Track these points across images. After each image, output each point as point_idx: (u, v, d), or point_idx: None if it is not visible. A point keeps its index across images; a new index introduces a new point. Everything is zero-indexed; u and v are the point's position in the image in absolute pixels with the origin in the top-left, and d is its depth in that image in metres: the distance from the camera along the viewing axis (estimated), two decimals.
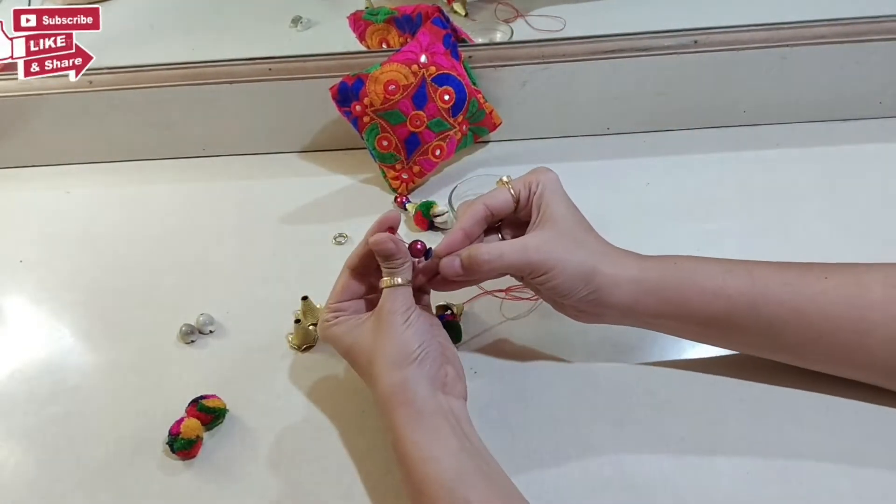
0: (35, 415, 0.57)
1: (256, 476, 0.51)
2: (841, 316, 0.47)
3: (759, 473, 0.48)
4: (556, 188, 0.51)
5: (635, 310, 0.50)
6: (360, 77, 0.70)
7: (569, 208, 0.51)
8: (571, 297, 0.50)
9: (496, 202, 0.51)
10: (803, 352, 0.50)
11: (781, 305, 0.48)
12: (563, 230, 0.49)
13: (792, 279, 0.49)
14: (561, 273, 0.48)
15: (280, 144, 0.82)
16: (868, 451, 0.48)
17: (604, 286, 0.49)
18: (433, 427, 0.45)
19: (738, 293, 0.48)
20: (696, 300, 0.49)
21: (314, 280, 0.65)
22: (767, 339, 0.50)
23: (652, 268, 0.50)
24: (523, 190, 0.51)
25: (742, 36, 0.73)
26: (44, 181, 0.82)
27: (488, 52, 0.75)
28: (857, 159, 0.73)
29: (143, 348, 0.61)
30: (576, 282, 0.49)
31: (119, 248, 0.72)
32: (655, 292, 0.49)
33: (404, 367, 0.46)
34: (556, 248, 0.48)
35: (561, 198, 0.51)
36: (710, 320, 0.50)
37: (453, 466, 0.43)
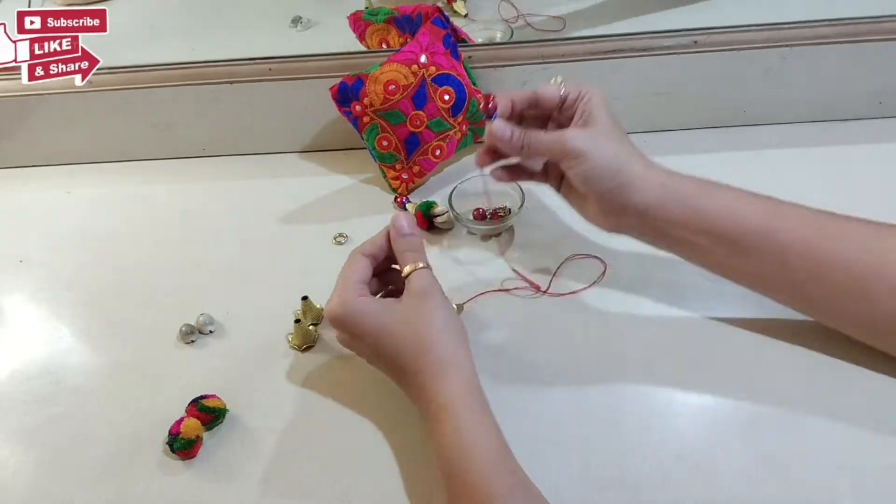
0: (35, 415, 0.57)
1: (256, 476, 0.51)
2: (853, 257, 0.48)
3: (760, 473, 0.48)
4: (602, 99, 0.54)
5: (655, 213, 0.52)
6: (360, 77, 0.70)
7: (610, 117, 0.53)
8: (598, 187, 0.52)
9: (545, 91, 0.55)
10: (808, 290, 0.50)
11: (795, 232, 0.49)
12: (601, 130, 0.52)
13: (811, 215, 0.50)
14: (592, 159, 0.51)
15: (280, 144, 0.82)
16: (867, 452, 0.48)
17: (630, 180, 0.51)
18: (482, 399, 0.48)
19: (756, 214, 0.50)
20: (714, 213, 0.51)
21: (314, 280, 0.65)
22: (774, 270, 0.50)
23: (679, 176, 0.53)
24: (572, 91, 0.54)
25: (742, 36, 0.73)
26: (44, 181, 0.82)
27: (488, 52, 0.75)
28: (857, 159, 0.73)
29: (143, 348, 0.61)
30: (605, 171, 0.51)
31: (119, 248, 0.72)
32: (677, 198, 0.52)
33: (460, 338, 0.50)
34: (591, 141, 0.52)
35: (605, 107, 0.54)
36: (722, 236, 0.51)
37: (500, 437, 0.47)
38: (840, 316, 0.51)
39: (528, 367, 0.56)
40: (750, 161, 0.74)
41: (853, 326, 0.51)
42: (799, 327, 0.56)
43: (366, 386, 0.56)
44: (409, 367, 0.49)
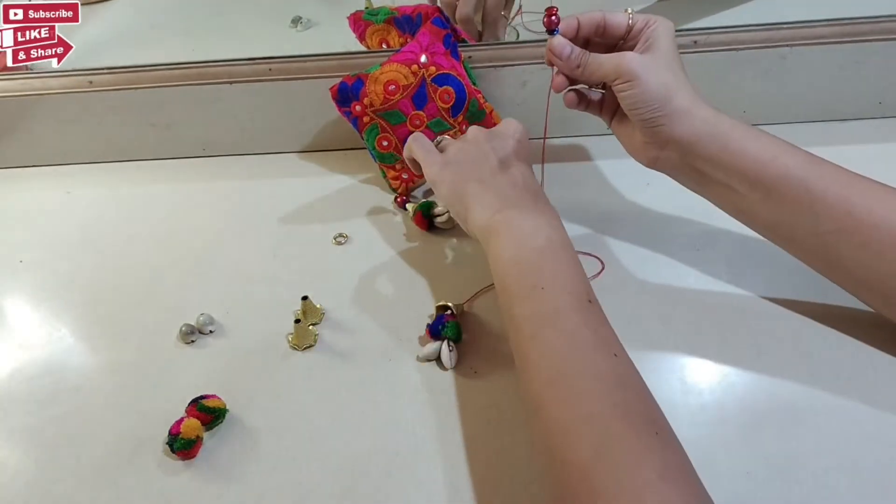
0: (35, 415, 0.57)
1: (256, 476, 0.51)
2: (885, 215, 0.48)
3: (759, 473, 0.48)
4: (668, 30, 0.54)
5: (695, 149, 0.53)
6: (360, 77, 0.70)
7: (672, 47, 0.54)
8: (644, 113, 0.53)
9: (613, 17, 0.56)
10: (835, 245, 0.50)
11: (831, 185, 0.50)
12: (659, 58, 0.53)
13: (847, 173, 0.51)
14: (643, 84, 0.52)
15: (280, 144, 0.82)
16: (868, 452, 0.48)
17: (676, 111, 0.52)
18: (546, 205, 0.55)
19: (795, 162, 0.51)
20: (753, 157, 0.52)
21: (314, 280, 0.65)
22: (805, 220, 0.51)
23: (724, 117, 0.53)
24: (640, 21, 0.55)
25: (742, 36, 0.73)
26: (44, 181, 0.82)
27: (488, 52, 0.75)
28: (857, 159, 0.72)
29: (143, 348, 0.61)
30: (653, 97, 0.52)
31: (119, 248, 0.72)
32: (719, 138, 0.52)
33: None
34: (646, 65, 0.52)
35: (669, 37, 0.54)
36: (758, 181, 0.52)
37: None
38: (862, 278, 0.51)
39: None
40: None
41: (873, 291, 0.51)
42: (800, 326, 0.57)
43: (366, 386, 0.56)
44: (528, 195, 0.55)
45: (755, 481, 0.48)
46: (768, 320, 0.58)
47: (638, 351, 0.56)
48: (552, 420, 0.42)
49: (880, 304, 0.52)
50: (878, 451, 0.48)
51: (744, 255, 0.63)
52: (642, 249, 0.65)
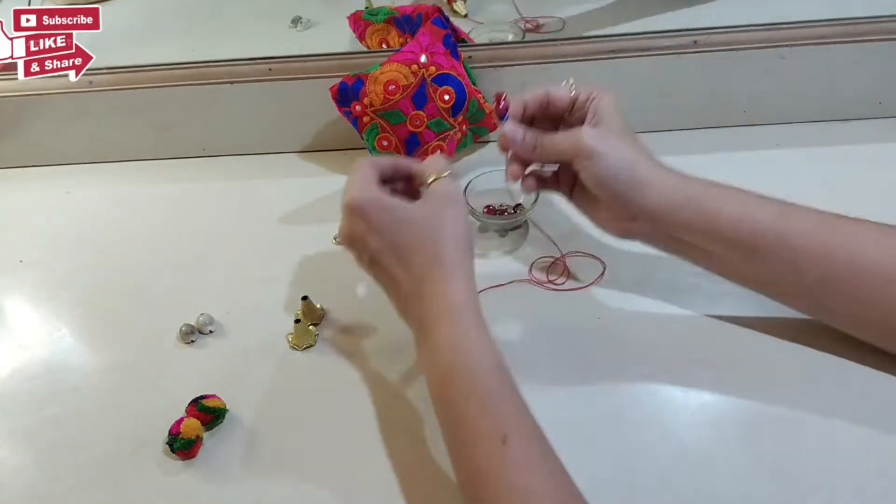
0: (35, 415, 0.57)
1: (256, 476, 0.51)
2: (867, 261, 0.47)
3: (759, 473, 0.48)
4: (613, 101, 0.54)
5: (667, 217, 0.51)
6: (360, 77, 0.70)
7: (621, 118, 0.53)
8: (611, 188, 0.51)
9: (557, 91, 0.55)
10: (821, 295, 0.50)
11: (808, 236, 0.49)
12: (613, 129, 0.52)
13: (823, 218, 0.50)
14: (605, 158, 0.51)
15: (280, 144, 0.82)
16: (868, 451, 0.48)
17: (642, 182, 0.51)
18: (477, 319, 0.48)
19: (769, 218, 0.50)
20: (726, 218, 0.50)
21: (314, 280, 0.65)
22: (788, 275, 0.50)
23: (691, 180, 0.52)
24: (583, 94, 0.54)
25: (742, 36, 0.73)
26: (44, 181, 0.82)
27: (488, 52, 0.75)
28: (857, 159, 0.73)
29: (143, 348, 0.61)
30: (618, 170, 0.51)
31: (119, 248, 0.72)
32: (690, 202, 0.51)
33: (470, 253, 0.49)
34: (604, 140, 0.51)
35: (616, 108, 0.54)
36: (735, 242, 0.50)
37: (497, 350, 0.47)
38: (854, 321, 0.51)
39: (529, 367, 0.56)
40: (750, 161, 0.74)
41: (867, 331, 0.51)
42: (799, 327, 0.56)
43: (366, 386, 0.56)
44: (416, 269, 0.48)
45: (755, 481, 0.48)
46: (769, 316, 0.57)
47: (638, 351, 0.57)
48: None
49: (878, 342, 0.51)
50: (879, 452, 0.48)
51: None
52: (642, 249, 0.65)
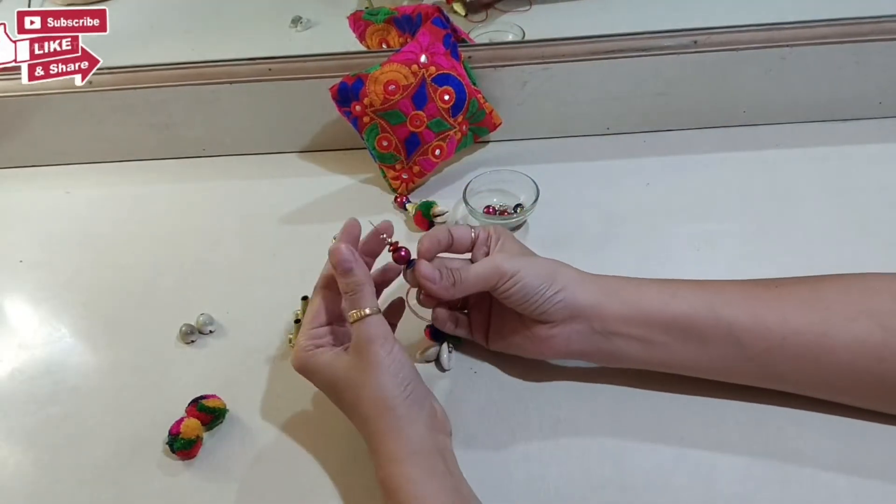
0: (35, 415, 0.57)
1: (256, 476, 0.51)
2: (804, 322, 0.47)
3: (758, 474, 0.48)
4: (510, 235, 0.54)
5: (600, 310, 0.50)
6: (360, 77, 0.70)
7: (522, 245, 0.55)
8: (540, 296, 0.50)
9: (458, 231, 0.53)
10: (771, 364, 0.48)
11: (738, 307, 0.48)
12: (521, 252, 0.53)
13: (744, 287, 0.50)
14: (527, 274, 0.49)
15: (280, 144, 0.82)
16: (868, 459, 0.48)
17: (569, 284, 0.50)
18: (428, 466, 0.45)
19: (695, 296, 0.50)
20: (656, 300, 0.50)
21: (314, 280, 0.65)
22: (730, 349, 0.49)
23: (607, 277, 0.52)
24: (482, 233, 0.54)
25: (742, 36, 0.73)
26: (44, 181, 0.82)
27: (488, 52, 0.75)
28: (857, 159, 0.73)
29: (143, 348, 0.61)
30: (542, 279, 0.50)
31: (119, 248, 0.72)
32: (616, 293, 0.50)
33: (395, 403, 0.46)
34: (518, 260, 0.51)
35: (514, 239, 0.54)
36: (671, 324, 0.49)
37: (455, 495, 0.44)
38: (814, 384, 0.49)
39: (528, 368, 0.56)
40: (750, 161, 0.74)
41: (831, 391, 0.49)
42: None
43: None
44: (360, 420, 0.47)
45: (755, 481, 0.48)
46: None
47: None
48: None
49: (848, 400, 0.50)
50: (879, 452, 0.48)
51: (743, 255, 0.63)
52: (642, 249, 0.65)
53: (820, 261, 0.62)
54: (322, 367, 0.49)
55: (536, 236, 0.68)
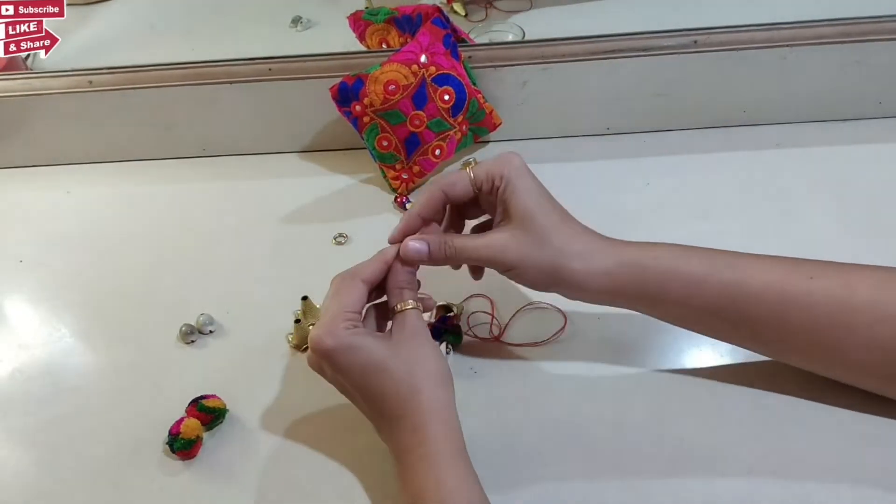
0: (35, 415, 0.57)
1: (256, 476, 0.51)
2: (824, 316, 0.46)
3: (759, 475, 0.48)
4: (521, 180, 0.49)
5: (612, 298, 0.50)
6: (360, 77, 0.70)
7: (536, 201, 0.49)
8: (541, 288, 0.50)
9: (455, 190, 0.50)
10: (782, 347, 0.50)
11: (763, 304, 0.47)
12: (529, 228, 0.48)
13: (777, 278, 0.48)
14: (526, 271, 0.48)
15: (280, 144, 0.82)
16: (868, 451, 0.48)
17: (573, 281, 0.48)
18: (465, 453, 0.46)
19: (721, 287, 0.47)
20: (676, 293, 0.48)
21: (314, 280, 0.65)
22: (747, 333, 0.49)
23: (629, 261, 0.49)
24: (486, 182, 0.49)
25: (742, 36, 0.73)
26: (44, 181, 0.82)
27: (488, 52, 0.75)
28: (857, 159, 0.73)
29: (143, 348, 0.61)
30: (542, 277, 0.48)
31: (119, 248, 0.72)
32: (633, 284, 0.49)
33: (448, 385, 0.47)
34: (520, 247, 0.48)
35: (527, 191, 0.49)
36: (688, 312, 0.49)
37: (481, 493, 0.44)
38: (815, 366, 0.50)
39: (528, 368, 0.56)
40: (750, 161, 0.74)
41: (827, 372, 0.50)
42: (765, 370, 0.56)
43: None
44: (391, 412, 0.46)
45: (755, 481, 0.48)
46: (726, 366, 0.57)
47: (639, 348, 0.57)
48: None
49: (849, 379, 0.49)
50: (880, 452, 0.48)
51: None
52: None
53: None
54: (365, 346, 0.46)
55: None
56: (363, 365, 0.46)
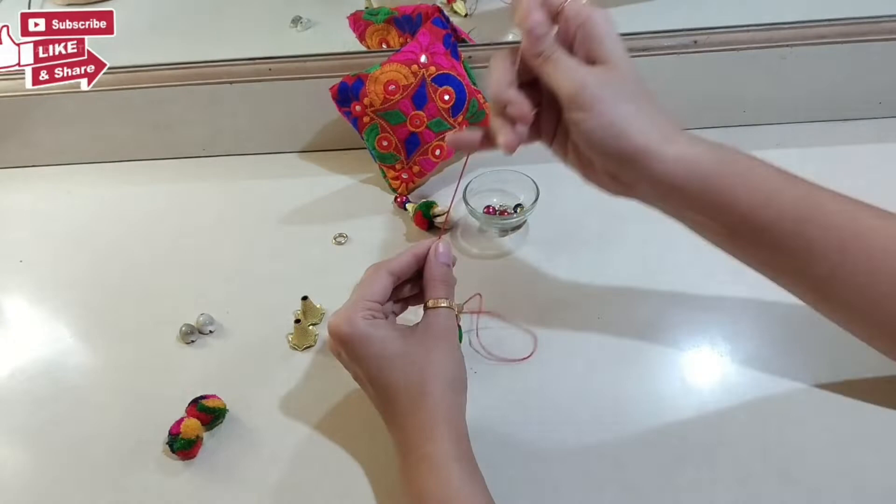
0: (35, 415, 0.57)
1: (256, 476, 0.51)
2: (885, 258, 0.43)
3: (759, 474, 0.48)
4: (610, 26, 0.44)
5: (672, 193, 0.44)
6: (360, 77, 0.70)
7: (626, 53, 0.44)
8: (603, 154, 0.44)
9: None
10: (829, 286, 0.45)
11: (829, 230, 0.43)
12: (617, 77, 0.43)
13: (849, 208, 0.45)
14: (601, 117, 0.42)
15: (280, 144, 0.82)
16: (867, 451, 0.48)
17: (641, 154, 0.43)
18: (471, 456, 0.46)
19: (791, 206, 0.44)
20: (744, 204, 0.44)
21: (314, 280, 0.65)
22: (799, 263, 0.45)
23: (705, 152, 0.44)
24: (571, 7, 0.43)
25: (742, 36, 0.73)
26: (44, 181, 0.82)
27: (488, 52, 0.75)
28: (857, 159, 0.73)
29: (143, 348, 0.61)
30: (614, 135, 0.42)
31: (119, 248, 0.72)
32: (702, 180, 0.43)
33: (460, 390, 0.47)
34: (607, 93, 0.42)
35: (616, 38, 0.44)
36: (745, 229, 0.45)
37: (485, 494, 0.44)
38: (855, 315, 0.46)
39: (528, 368, 0.56)
40: None
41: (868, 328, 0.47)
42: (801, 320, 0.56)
43: None
44: (400, 407, 0.46)
45: (755, 481, 0.48)
46: (769, 316, 0.58)
47: (639, 348, 0.57)
48: None
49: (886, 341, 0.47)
50: (881, 451, 0.48)
51: None
52: (642, 249, 0.65)
53: None
54: (380, 337, 0.47)
55: (536, 236, 0.68)
56: (375, 357, 0.46)
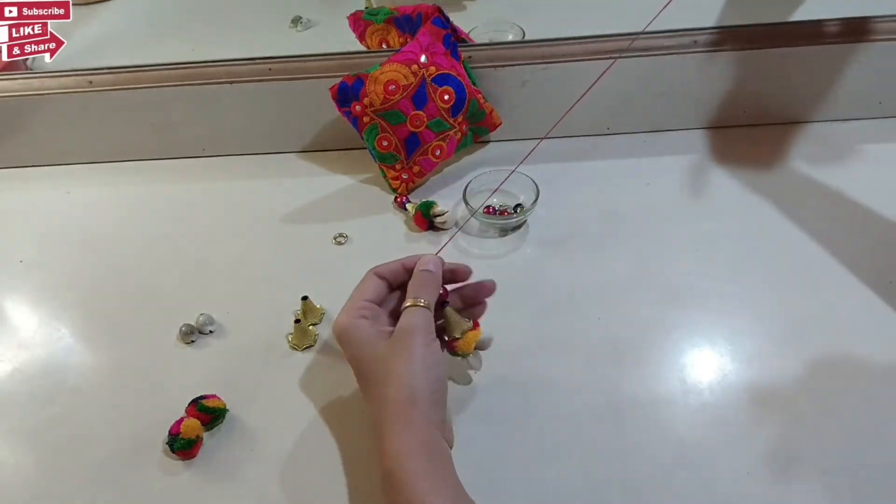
0: (35, 415, 0.57)
1: (256, 476, 0.51)
2: None
3: (759, 474, 0.48)
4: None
5: None
6: (360, 77, 0.70)
7: None
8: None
9: None
10: None
11: None
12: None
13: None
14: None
15: (280, 144, 0.82)
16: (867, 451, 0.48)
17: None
18: (437, 466, 0.44)
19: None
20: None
21: (314, 280, 0.65)
22: None
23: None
24: None
25: (742, 36, 0.73)
26: (44, 181, 0.82)
27: (488, 52, 0.75)
28: (857, 159, 0.73)
29: (143, 348, 0.61)
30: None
31: (119, 249, 0.72)
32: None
33: (421, 396, 0.45)
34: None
35: None
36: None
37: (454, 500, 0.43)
38: None
39: (529, 368, 0.56)
40: (750, 161, 0.74)
41: None
42: (800, 321, 0.56)
43: None
44: (375, 404, 0.47)
45: (755, 481, 0.48)
46: (768, 317, 0.58)
47: (639, 348, 0.57)
48: None
49: None
50: (881, 451, 0.48)
51: (742, 255, 0.63)
52: (642, 249, 0.65)
53: (820, 260, 0.62)
54: (363, 339, 0.49)
55: (536, 236, 0.68)
56: (356, 353, 0.49)
